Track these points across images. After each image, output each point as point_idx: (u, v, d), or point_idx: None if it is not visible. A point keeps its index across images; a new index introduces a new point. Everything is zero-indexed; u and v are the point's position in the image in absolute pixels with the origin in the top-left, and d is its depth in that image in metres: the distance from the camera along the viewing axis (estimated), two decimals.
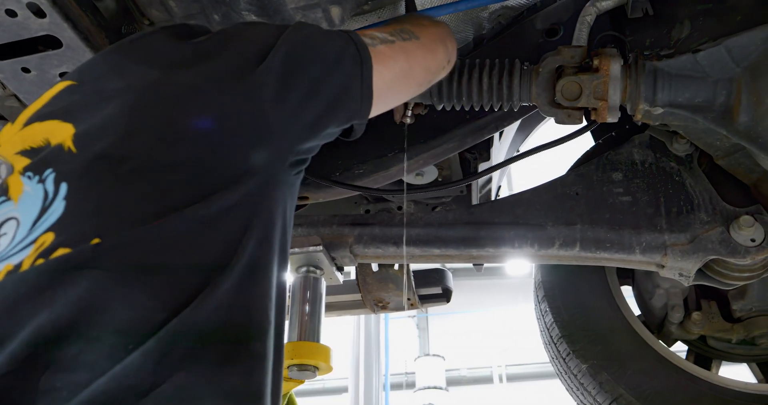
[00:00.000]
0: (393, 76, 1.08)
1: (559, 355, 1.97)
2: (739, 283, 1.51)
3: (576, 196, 1.55)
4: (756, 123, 1.20)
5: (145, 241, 0.74)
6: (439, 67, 1.23)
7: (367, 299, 2.41)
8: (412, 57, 1.11)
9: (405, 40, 1.11)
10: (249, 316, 0.81)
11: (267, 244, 0.87)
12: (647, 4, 1.50)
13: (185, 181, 0.79)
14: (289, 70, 0.91)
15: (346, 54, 0.98)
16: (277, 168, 0.89)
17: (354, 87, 0.99)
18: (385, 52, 1.05)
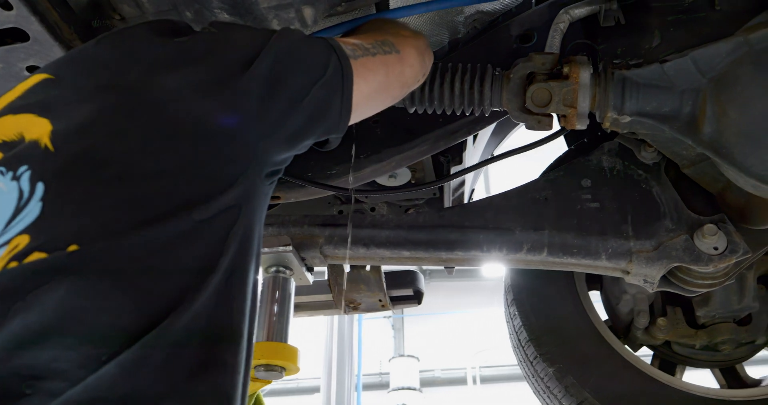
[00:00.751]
0: (371, 90, 1.07)
1: (527, 359, 1.99)
2: (702, 290, 1.53)
3: (545, 201, 1.56)
4: (720, 134, 1.22)
5: (124, 250, 0.72)
6: (415, 81, 1.25)
7: (339, 300, 2.40)
8: (391, 71, 1.12)
9: (386, 53, 1.11)
10: (225, 325, 0.81)
11: (244, 254, 0.86)
12: (619, 13, 1.52)
13: (166, 191, 0.78)
14: (274, 80, 0.90)
15: (329, 66, 0.98)
16: (256, 179, 0.88)
17: (335, 100, 0.98)
18: (366, 64, 1.05)
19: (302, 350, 1.81)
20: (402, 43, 1.16)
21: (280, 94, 0.91)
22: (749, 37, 1.16)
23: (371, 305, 2.46)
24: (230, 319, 0.82)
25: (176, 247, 0.76)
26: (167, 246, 0.75)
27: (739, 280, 1.82)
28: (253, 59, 0.90)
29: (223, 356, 0.79)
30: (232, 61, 0.89)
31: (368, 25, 1.31)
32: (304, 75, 0.94)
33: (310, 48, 0.99)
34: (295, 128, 0.94)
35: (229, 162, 0.84)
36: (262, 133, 0.88)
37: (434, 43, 1.71)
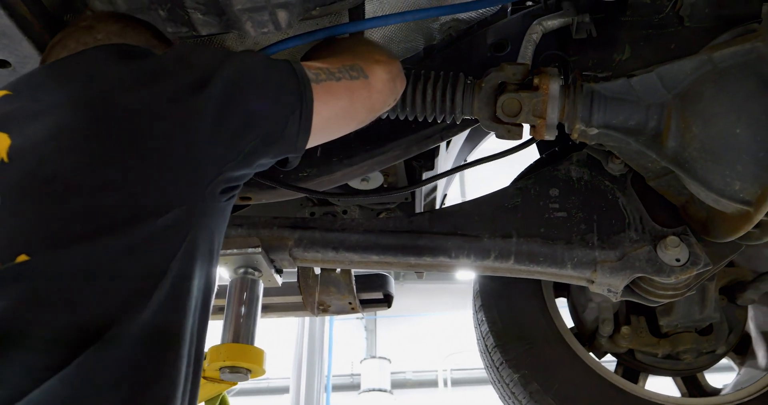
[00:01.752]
0: (332, 114, 1.08)
1: (493, 364, 2.01)
2: (664, 300, 1.56)
3: (514, 209, 1.58)
4: (683, 148, 1.25)
5: (72, 262, 0.75)
6: (383, 106, 1.25)
7: (309, 302, 2.40)
8: (356, 96, 1.12)
9: (352, 79, 1.11)
10: (169, 337, 0.84)
11: (191, 270, 0.89)
12: (591, 26, 1.54)
13: (114, 205, 0.80)
14: (227, 100, 0.92)
15: (287, 88, 0.99)
16: (207, 195, 0.91)
17: (292, 122, 1.00)
18: (328, 89, 1.06)
19: (273, 350, 1.81)
20: (372, 69, 1.16)
21: (234, 115, 0.93)
22: (713, 55, 1.18)
23: (341, 308, 2.46)
24: (174, 332, 0.84)
25: (123, 258, 0.79)
26: (114, 257, 0.78)
27: (700, 291, 1.86)
28: (208, 80, 0.92)
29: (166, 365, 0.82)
30: (188, 80, 0.92)
31: (343, 45, 1.30)
32: (260, 97, 0.96)
33: (269, 70, 1.01)
34: (250, 147, 0.95)
35: (180, 178, 0.87)
36: (214, 152, 0.90)
37: (409, 49, 1.72)
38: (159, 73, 0.93)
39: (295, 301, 2.53)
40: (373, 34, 1.66)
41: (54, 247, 0.75)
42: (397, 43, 1.70)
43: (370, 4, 1.54)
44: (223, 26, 1.31)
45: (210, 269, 0.96)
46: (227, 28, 1.31)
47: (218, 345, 1.78)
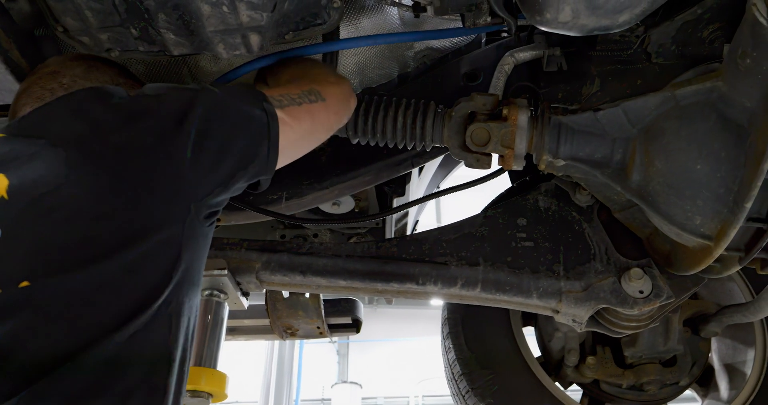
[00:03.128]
0: (297, 136, 1.18)
1: (459, 392, 2.00)
2: (627, 331, 1.57)
3: (482, 237, 1.58)
4: (647, 182, 1.27)
5: (71, 284, 0.82)
6: (339, 124, 1.35)
7: (276, 325, 2.38)
8: (316, 118, 1.22)
9: (312, 102, 1.21)
10: (158, 353, 0.92)
11: (183, 287, 0.97)
12: (562, 59, 1.58)
13: (110, 230, 0.88)
14: (203, 132, 1.01)
15: (255, 115, 1.08)
16: (193, 220, 0.99)
17: (262, 146, 1.09)
18: (292, 113, 1.16)
19: (242, 372, 1.78)
20: (327, 91, 1.26)
21: (211, 145, 1.02)
22: (676, 92, 1.21)
23: (309, 332, 2.43)
24: (164, 348, 0.92)
25: (120, 279, 0.86)
26: (112, 279, 0.86)
27: (664, 323, 1.88)
28: (185, 115, 1.01)
29: (152, 382, 0.89)
30: (167, 118, 1.01)
31: (296, 68, 1.39)
32: (232, 126, 1.05)
33: (238, 100, 1.09)
34: (226, 173, 1.04)
35: (167, 204, 0.95)
36: (195, 180, 0.99)
37: (383, 75, 1.74)
38: (140, 112, 1.01)
39: (263, 324, 2.51)
40: (347, 61, 1.68)
41: (54, 273, 0.81)
42: (372, 69, 1.72)
43: (345, 30, 1.56)
44: (195, 47, 1.31)
45: (196, 292, 1.03)
46: (199, 50, 1.31)
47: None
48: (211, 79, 1.62)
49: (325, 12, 1.33)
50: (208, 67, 1.64)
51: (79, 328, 0.81)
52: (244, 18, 1.22)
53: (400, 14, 1.61)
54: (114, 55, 1.34)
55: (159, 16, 1.24)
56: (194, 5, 1.20)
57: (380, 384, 11.71)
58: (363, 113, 1.44)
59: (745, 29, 1.03)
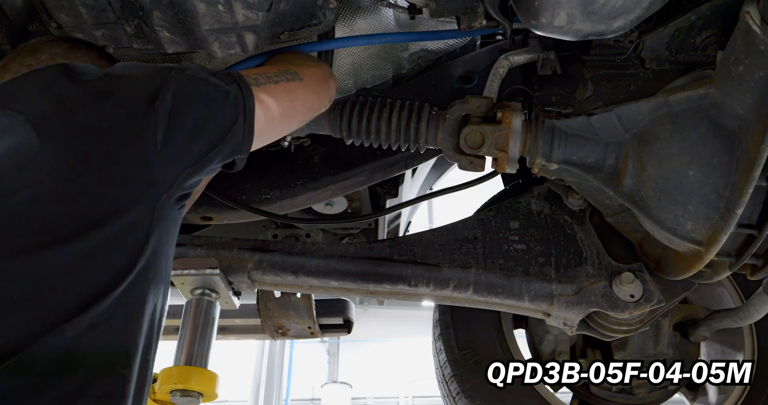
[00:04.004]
0: (274, 115, 1.14)
1: (450, 394, 2.00)
2: (618, 335, 1.58)
3: (474, 240, 1.59)
4: (639, 187, 1.28)
5: (28, 270, 0.79)
6: (320, 105, 1.31)
7: (267, 325, 2.37)
8: (294, 97, 1.19)
9: (288, 81, 1.18)
10: (117, 344, 0.87)
11: (149, 273, 0.93)
12: (556, 63, 1.58)
13: (73, 214, 0.84)
14: (175, 111, 0.98)
15: (229, 93, 1.05)
16: (164, 203, 0.95)
17: (237, 125, 1.05)
18: (268, 90, 1.12)
19: (232, 371, 1.77)
20: (305, 72, 1.24)
21: (183, 124, 0.98)
22: (669, 98, 1.22)
23: (300, 332, 2.43)
24: (122, 339, 0.88)
25: (79, 265, 0.83)
26: (70, 265, 0.82)
27: (654, 327, 1.89)
28: (157, 93, 0.97)
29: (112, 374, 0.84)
30: (138, 96, 0.97)
31: (275, 58, 1.37)
32: (204, 104, 1.02)
33: (211, 79, 1.06)
34: (200, 153, 1.01)
35: (137, 186, 0.91)
36: (167, 160, 0.95)
37: (378, 77, 1.74)
38: (110, 90, 0.97)
39: (254, 324, 2.50)
40: (342, 61, 1.67)
41: (9, 257, 0.78)
42: (366, 70, 1.72)
43: (340, 30, 1.56)
44: (190, 45, 1.31)
45: (164, 277, 0.99)
46: (194, 48, 1.31)
47: (170, 367, 1.74)
48: None
49: (320, 12, 1.32)
50: (202, 64, 1.63)
51: (30, 319, 0.76)
52: (240, 17, 1.22)
53: (395, 16, 1.61)
54: (108, 52, 1.33)
55: (154, 13, 1.23)
56: (190, 3, 1.20)
57: (370, 384, 11.71)
58: (357, 114, 1.43)
59: (738, 37, 1.04)
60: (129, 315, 0.89)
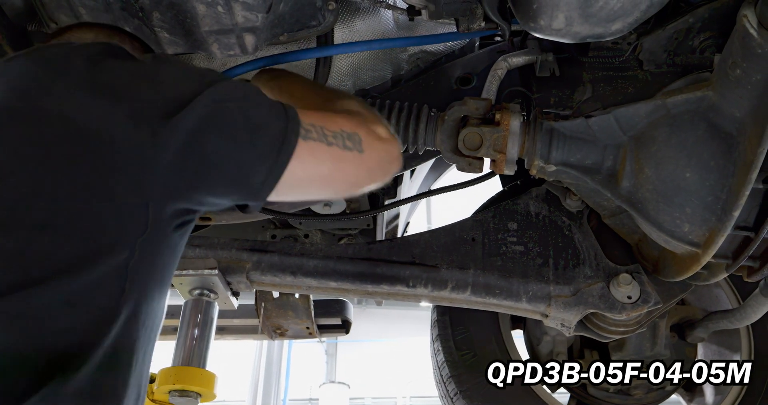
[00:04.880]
0: (306, 177, 0.96)
1: (448, 395, 2.00)
2: (615, 336, 1.59)
3: (472, 241, 1.59)
4: (636, 189, 1.28)
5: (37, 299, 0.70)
6: (369, 185, 1.08)
7: (266, 325, 2.37)
8: (340, 168, 0.99)
9: (345, 149, 0.98)
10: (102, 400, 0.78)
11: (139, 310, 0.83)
12: (554, 65, 1.59)
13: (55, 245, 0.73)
14: (197, 135, 0.84)
15: (268, 133, 0.89)
16: (159, 231, 0.85)
17: (259, 172, 0.89)
18: (314, 150, 0.94)
19: (230, 371, 1.78)
20: (371, 145, 1.02)
21: (200, 151, 0.85)
22: (667, 101, 1.22)
23: (298, 332, 2.44)
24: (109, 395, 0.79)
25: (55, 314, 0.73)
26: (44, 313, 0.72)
27: (651, 328, 1.89)
28: (182, 106, 0.83)
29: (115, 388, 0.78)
30: (155, 104, 0.83)
31: (351, 105, 1.14)
32: (233, 137, 0.87)
33: (255, 109, 0.91)
34: (208, 188, 0.89)
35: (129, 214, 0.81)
36: (169, 186, 0.84)
37: (377, 78, 1.74)
38: (129, 88, 0.84)
39: (252, 324, 2.50)
40: (341, 63, 1.68)
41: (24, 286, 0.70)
42: (365, 71, 1.72)
43: (339, 31, 1.56)
44: (189, 46, 1.31)
45: (159, 303, 0.90)
46: (193, 49, 1.31)
47: (168, 367, 1.75)
48: None
49: (320, 14, 1.33)
50: (201, 65, 1.64)
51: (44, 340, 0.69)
52: (239, 18, 1.22)
53: (394, 17, 1.61)
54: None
55: (154, 14, 1.23)
56: (189, 5, 1.20)
57: (368, 384, 11.71)
58: None
59: (736, 40, 1.04)
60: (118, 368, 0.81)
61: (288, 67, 1.63)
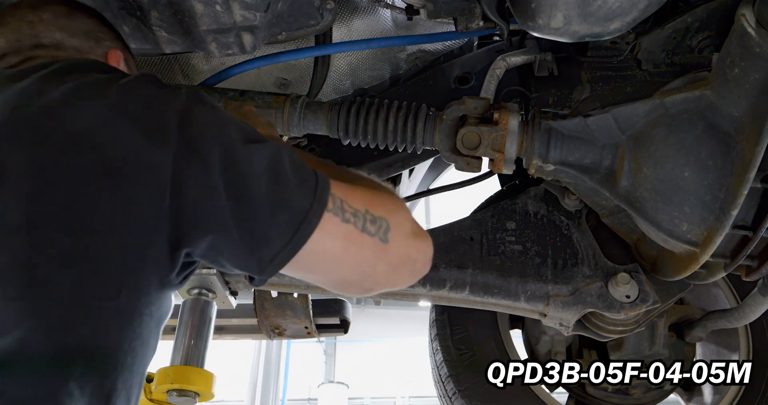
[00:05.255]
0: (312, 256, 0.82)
1: (446, 394, 2.00)
2: (614, 336, 1.59)
3: (470, 240, 1.59)
4: (635, 188, 1.28)
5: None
6: (387, 283, 0.91)
7: (264, 325, 2.37)
8: (354, 251, 0.84)
9: (367, 234, 0.85)
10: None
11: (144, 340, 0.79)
12: (553, 64, 1.59)
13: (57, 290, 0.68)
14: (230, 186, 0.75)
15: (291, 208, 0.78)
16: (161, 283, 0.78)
17: (270, 246, 0.78)
18: (332, 225, 0.81)
19: (229, 371, 1.78)
20: (400, 238, 0.88)
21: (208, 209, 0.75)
22: (665, 100, 1.22)
23: (297, 332, 2.43)
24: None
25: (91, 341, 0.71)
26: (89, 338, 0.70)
27: (650, 328, 1.89)
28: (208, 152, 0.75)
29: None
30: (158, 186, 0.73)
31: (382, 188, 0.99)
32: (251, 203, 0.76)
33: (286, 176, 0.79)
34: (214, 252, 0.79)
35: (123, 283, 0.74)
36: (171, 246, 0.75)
37: (375, 77, 1.75)
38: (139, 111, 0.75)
39: (250, 324, 2.50)
40: (340, 62, 1.68)
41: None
42: (364, 70, 1.72)
43: (337, 31, 1.56)
44: (187, 45, 1.31)
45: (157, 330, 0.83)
46: (191, 48, 1.31)
47: (167, 367, 1.74)
48: (202, 78, 1.62)
49: (318, 13, 1.33)
50: (200, 65, 1.64)
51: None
52: (238, 17, 1.22)
53: (392, 16, 1.61)
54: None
55: (152, 13, 1.23)
56: (188, 3, 1.20)
57: (367, 384, 11.71)
58: (355, 114, 1.44)
59: (734, 39, 1.04)
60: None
61: (286, 66, 1.64)
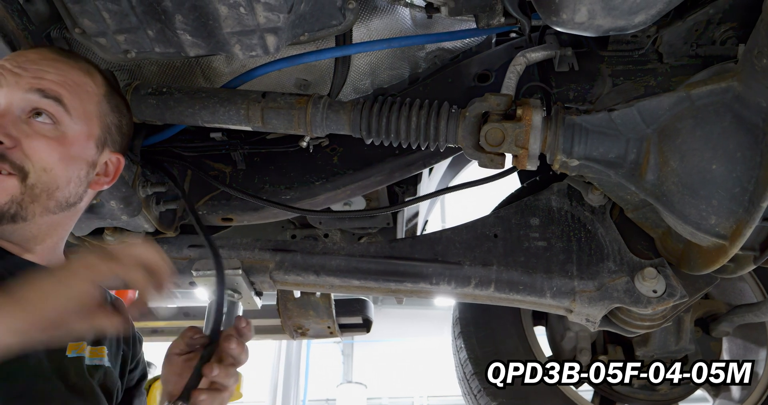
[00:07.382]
0: None
1: (471, 392, 2.00)
2: (640, 331, 1.58)
3: (494, 237, 1.59)
4: (661, 182, 1.27)
5: None
6: None
7: (287, 325, 2.39)
8: None
9: None
10: None
11: None
12: (574, 59, 1.58)
13: None
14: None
15: None
16: None
17: None
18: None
19: (249, 373, 1.78)
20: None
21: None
22: (691, 92, 1.21)
23: (320, 331, 2.44)
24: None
25: None
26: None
27: (676, 323, 1.88)
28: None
29: None
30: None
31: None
32: None
33: None
34: None
35: None
36: None
37: (395, 76, 1.75)
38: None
39: (273, 324, 2.52)
40: (360, 61, 1.68)
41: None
42: (383, 70, 1.73)
43: (357, 30, 1.57)
44: (211, 48, 1.32)
45: None
46: (215, 51, 1.32)
47: None
48: (224, 80, 1.63)
49: (340, 13, 1.33)
50: (221, 68, 1.65)
51: None
52: (261, 19, 1.23)
53: (412, 15, 1.62)
54: (131, 56, 1.35)
55: (176, 17, 1.25)
56: (211, 6, 1.21)
57: (385, 384, 11.72)
58: (377, 114, 1.44)
59: (762, 29, 1.03)
60: None
61: (306, 67, 1.65)
